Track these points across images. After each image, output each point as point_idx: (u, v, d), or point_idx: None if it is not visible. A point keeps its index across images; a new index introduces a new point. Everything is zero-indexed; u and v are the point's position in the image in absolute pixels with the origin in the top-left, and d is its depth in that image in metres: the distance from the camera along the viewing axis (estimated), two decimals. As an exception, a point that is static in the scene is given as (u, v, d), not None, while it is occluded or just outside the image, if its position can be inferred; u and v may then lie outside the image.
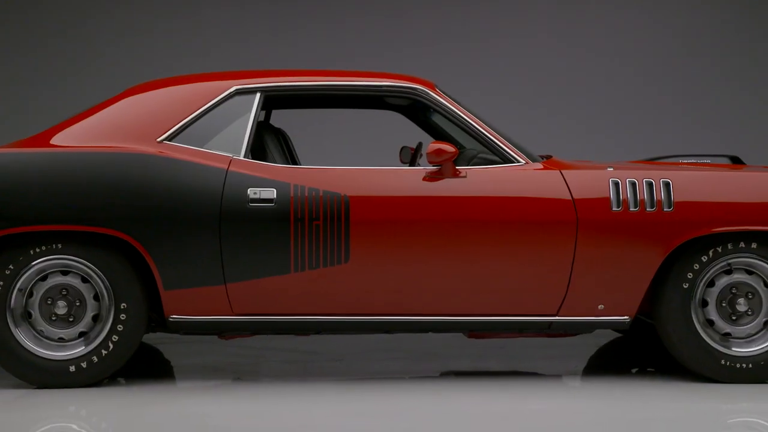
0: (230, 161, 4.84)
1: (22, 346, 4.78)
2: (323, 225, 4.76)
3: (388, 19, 9.36)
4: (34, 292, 4.81)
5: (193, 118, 4.92)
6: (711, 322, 4.95)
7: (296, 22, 9.30)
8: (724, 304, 4.94)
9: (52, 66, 9.26)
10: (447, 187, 4.85)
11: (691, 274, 4.90)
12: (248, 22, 9.32)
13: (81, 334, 4.83)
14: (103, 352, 4.80)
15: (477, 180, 4.87)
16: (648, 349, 5.97)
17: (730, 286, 4.94)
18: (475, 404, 4.64)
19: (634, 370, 5.47)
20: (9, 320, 4.78)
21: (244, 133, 4.92)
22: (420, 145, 5.47)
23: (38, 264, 4.79)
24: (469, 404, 4.65)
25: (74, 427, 4.32)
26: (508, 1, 9.39)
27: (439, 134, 5.50)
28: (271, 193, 4.78)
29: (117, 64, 9.12)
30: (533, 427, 4.29)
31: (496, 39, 9.34)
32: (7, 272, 4.77)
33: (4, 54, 9.29)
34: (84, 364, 4.80)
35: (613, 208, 4.85)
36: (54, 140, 4.91)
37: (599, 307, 4.90)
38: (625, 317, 4.93)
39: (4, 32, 9.28)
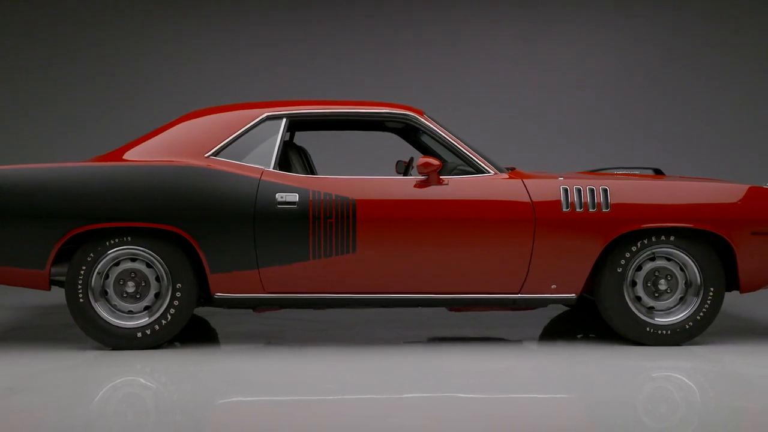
0: (262, 172, 4.86)
1: (100, 317, 4.83)
2: (335, 222, 4.78)
3: (387, 55, 9.35)
4: (109, 275, 4.84)
5: (233, 138, 4.93)
6: (639, 298, 4.98)
7: (313, 60, 9.31)
8: (649, 284, 4.97)
9: (122, 96, 9.28)
10: (433, 193, 4.86)
11: (623, 260, 4.93)
12: (276, 61, 9.34)
13: (146, 308, 4.86)
14: (163, 321, 4.84)
15: (457, 187, 4.88)
16: (590, 319, 5.96)
17: (654, 270, 4.96)
18: (453, 363, 4.66)
19: (579, 336, 5.42)
20: (90, 297, 4.81)
21: (273, 150, 4.92)
22: (411, 159, 5.48)
23: (112, 253, 4.82)
24: (449, 363, 4.66)
25: (141, 380, 4.34)
26: (483, 43, 9.41)
27: (426, 151, 5.49)
28: (294, 197, 4.79)
29: (174, 96, 9.15)
30: (500, 380, 4.30)
31: (472, 73, 9.36)
32: (89, 259, 4.80)
33: (88, 88, 9.34)
34: (148, 331, 4.84)
35: (563, 209, 4.86)
36: (126, 156, 4.93)
37: (552, 286, 4.92)
38: (572, 295, 4.95)
39: (87, 71, 9.33)
